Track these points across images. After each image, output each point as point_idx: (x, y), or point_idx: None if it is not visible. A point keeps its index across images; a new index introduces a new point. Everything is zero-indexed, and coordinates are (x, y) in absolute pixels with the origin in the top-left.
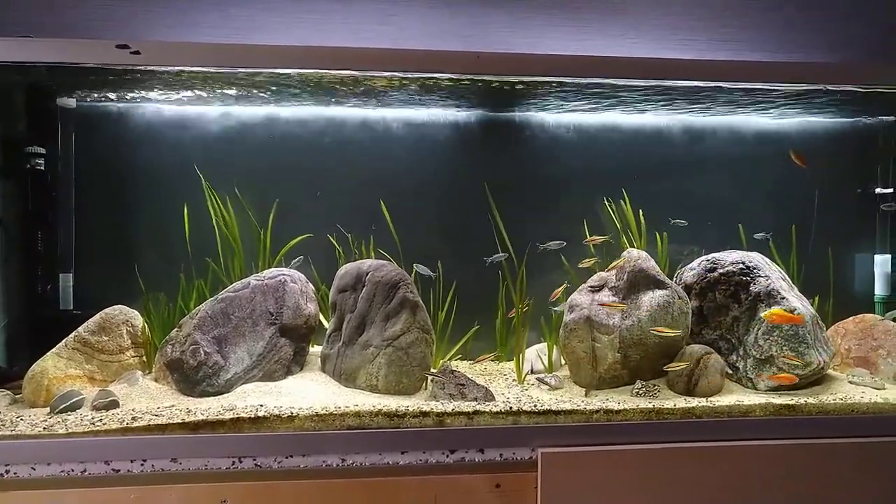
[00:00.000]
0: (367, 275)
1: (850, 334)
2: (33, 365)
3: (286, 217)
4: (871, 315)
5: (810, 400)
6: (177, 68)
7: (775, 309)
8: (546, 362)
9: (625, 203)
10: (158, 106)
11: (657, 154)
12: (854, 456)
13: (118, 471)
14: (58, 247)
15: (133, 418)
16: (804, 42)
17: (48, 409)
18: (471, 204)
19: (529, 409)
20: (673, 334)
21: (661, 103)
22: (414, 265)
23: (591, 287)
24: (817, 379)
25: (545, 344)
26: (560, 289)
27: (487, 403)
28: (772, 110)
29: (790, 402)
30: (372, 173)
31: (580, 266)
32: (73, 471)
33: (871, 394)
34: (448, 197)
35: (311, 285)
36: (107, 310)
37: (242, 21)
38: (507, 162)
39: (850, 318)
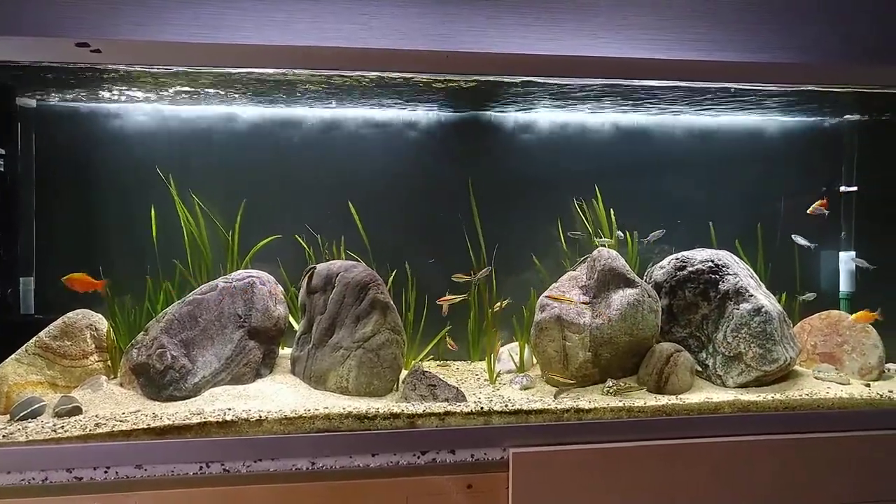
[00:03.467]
0: (337, 276)
1: (816, 330)
2: None
3: (254, 218)
4: (836, 311)
5: (777, 395)
6: (138, 68)
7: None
8: (517, 362)
9: (597, 202)
10: (122, 105)
11: (626, 154)
12: (820, 450)
13: (80, 478)
14: (17, 249)
15: (96, 424)
16: (773, 43)
17: (8, 417)
18: (442, 204)
19: (500, 409)
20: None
21: (654, 103)
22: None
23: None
24: (784, 375)
25: (517, 343)
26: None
27: (458, 404)
28: (738, 109)
29: (758, 399)
30: (341, 174)
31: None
32: (33, 479)
33: (836, 389)
34: (419, 197)
35: (280, 287)
36: (69, 314)
37: (211, 19)
38: (482, 162)
39: (816, 314)
